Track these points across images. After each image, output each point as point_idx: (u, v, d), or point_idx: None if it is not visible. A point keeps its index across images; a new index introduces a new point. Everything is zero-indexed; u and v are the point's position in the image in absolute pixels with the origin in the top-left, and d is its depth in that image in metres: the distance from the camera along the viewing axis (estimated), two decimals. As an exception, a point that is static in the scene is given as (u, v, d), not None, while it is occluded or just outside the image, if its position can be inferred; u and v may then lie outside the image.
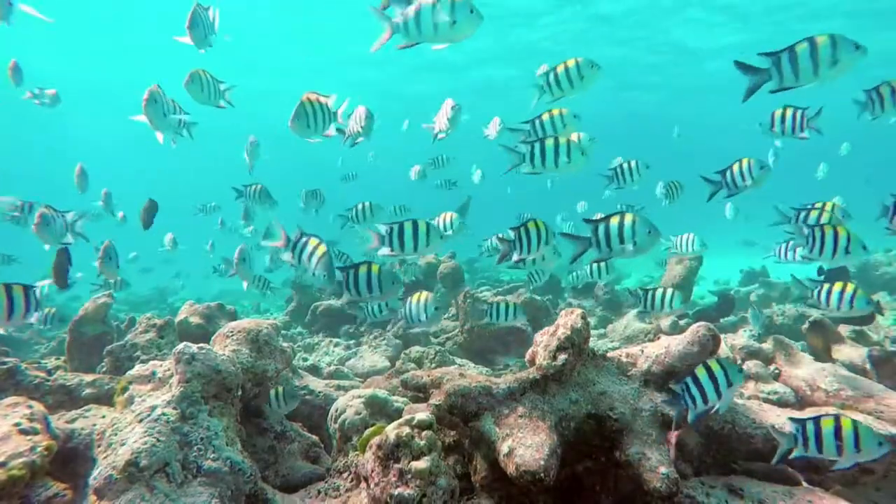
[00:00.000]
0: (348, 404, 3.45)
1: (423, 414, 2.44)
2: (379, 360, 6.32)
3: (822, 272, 5.95)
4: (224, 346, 3.37)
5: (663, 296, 4.35)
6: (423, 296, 3.69)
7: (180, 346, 2.83)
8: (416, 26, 2.53)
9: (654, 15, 18.21)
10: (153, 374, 3.16)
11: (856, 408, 3.39)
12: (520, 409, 2.48)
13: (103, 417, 3.38)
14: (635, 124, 26.90)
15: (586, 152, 3.44)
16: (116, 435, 2.54)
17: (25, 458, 2.64)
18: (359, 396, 3.51)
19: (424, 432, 2.35)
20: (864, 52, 2.66)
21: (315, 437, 3.63)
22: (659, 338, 3.07)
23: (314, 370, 5.77)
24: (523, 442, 2.31)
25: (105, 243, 4.60)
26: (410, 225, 3.15)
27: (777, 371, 4.12)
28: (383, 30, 2.59)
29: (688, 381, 2.43)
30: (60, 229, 4.03)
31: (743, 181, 3.75)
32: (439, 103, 4.61)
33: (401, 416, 2.64)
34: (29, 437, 2.77)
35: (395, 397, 3.61)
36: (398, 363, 5.54)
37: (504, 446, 2.33)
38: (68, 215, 4.12)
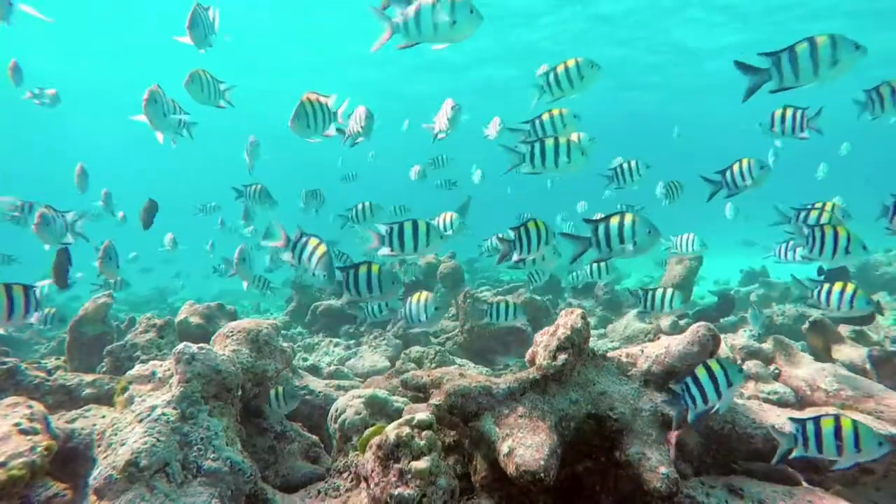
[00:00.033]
0: (348, 404, 3.45)
1: (423, 414, 2.44)
2: (379, 360, 6.32)
3: (821, 272, 5.95)
4: (224, 346, 3.37)
5: (663, 296, 4.35)
6: (423, 296, 3.68)
7: (180, 346, 2.83)
8: (416, 26, 2.54)
9: (654, 15, 18.21)
10: (153, 374, 3.16)
11: (856, 408, 3.39)
12: (520, 409, 2.48)
13: (103, 417, 3.38)
14: (635, 124, 26.90)
15: (586, 152, 3.44)
16: (116, 435, 2.54)
17: (25, 458, 2.64)
18: (359, 396, 3.51)
19: (424, 432, 2.35)
20: (864, 53, 2.66)
21: (315, 437, 3.63)
22: (659, 338, 3.07)
23: (314, 370, 5.77)
24: (523, 442, 2.31)
25: (105, 243, 4.60)
26: (410, 225, 3.15)
27: (777, 371, 4.12)
28: (383, 30, 2.60)
29: (688, 381, 2.43)
30: (60, 229, 4.03)
31: (743, 181, 3.75)
32: (439, 103, 4.60)
33: (401, 416, 2.64)
34: (29, 437, 2.77)
35: (395, 397, 3.61)
36: (398, 363, 5.54)
37: (504, 446, 2.33)
38: (68, 215, 4.12)
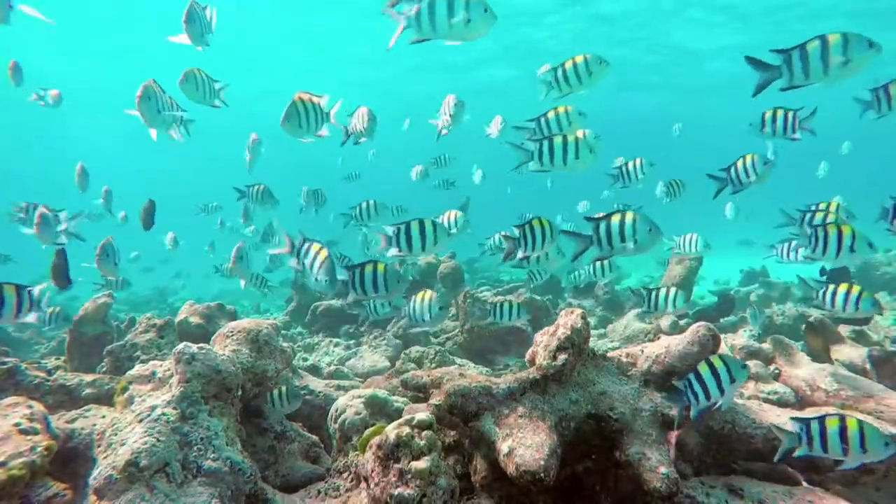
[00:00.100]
0: (348, 404, 3.45)
1: (423, 414, 2.44)
2: (379, 360, 6.32)
3: (824, 272, 5.94)
4: (224, 346, 3.37)
5: (667, 295, 4.34)
6: (427, 295, 3.62)
7: (180, 346, 2.83)
8: (429, 22, 2.51)
9: (655, 16, 18.22)
10: (153, 374, 3.16)
11: (856, 408, 3.39)
12: (520, 409, 2.48)
13: (103, 417, 3.38)
14: (635, 124, 26.91)
15: (594, 150, 3.42)
16: (116, 435, 2.54)
17: (25, 458, 2.64)
18: (359, 396, 3.51)
19: (424, 432, 2.34)
20: (878, 50, 2.61)
21: (315, 437, 3.63)
22: (659, 338, 3.07)
23: (314, 370, 5.77)
24: (523, 442, 2.31)
25: (104, 240, 4.57)
26: (417, 224, 3.13)
27: (777, 371, 4.11)
28: (397, 24, 2.57)
29: (690, 378, 2.43)
30: (56, 229, 4.02)
31: (747, 177, 3.73)
32: (439, 103, 4.59)
33: (401, 416, 2.63)
34: (29, 437, 2.77)
35: (395, 397, 3.61)
36: (398, 363, 5.54)
37: (504, 446, 2.33)
38: (61, 215, 4.10)
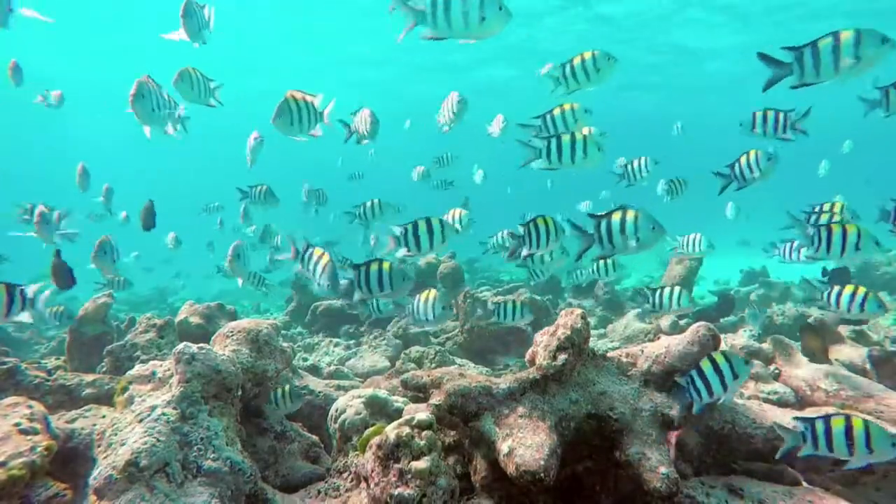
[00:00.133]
0: (348, 404, 3.44)
1: (423, 414, 2.44)
2: (379, 360, 6.32)
3: (825, 273, 5.93)
4: (224, 346, 3.36)
5: (671, 294, 4.34)
6: (430, 294, 3.59)
7: (180, 346, 2.83)
8: (445, 19, 2.47)
9: (655, 16, 18.21)
10: (153, 374, 3.16)
11: (856, 408, 3.39)
12: (520, 409, 2.48)
13: (103, 417, 3.38)
14: (635, 124, 26.89)
15: (602, 148, 3.40)
16: (116, 435, 2.54)
17: (25, 458, 2.64)
18: (359, 396, 3.51)
19: (424, 432, 2.34)
20: (892, 46, 2.57)
21: (315, 437, 3.63)
22: (659, 338, 3.07)
23: (314, 370, 5.77)
24: (523, 442, 2.30)
25: (101, 238, 4.55)
26: (424, 223, 3.12)
27: (777, 371, 4.12)
28: (405, 19, 2.51)
29: (693, 374, 2.44)
30: (53, 228, 4.02)
31: (751, 173, 3.72)
32: (440, 103, 4.59)
33: (401, 416, 2.63)
34: (29, 437, 2.77)
35: (395, 397, 3.61)
36: (398, 363, 5.54)
37: (504, 446, 2.33)
38: (54, 215, 4.09)
